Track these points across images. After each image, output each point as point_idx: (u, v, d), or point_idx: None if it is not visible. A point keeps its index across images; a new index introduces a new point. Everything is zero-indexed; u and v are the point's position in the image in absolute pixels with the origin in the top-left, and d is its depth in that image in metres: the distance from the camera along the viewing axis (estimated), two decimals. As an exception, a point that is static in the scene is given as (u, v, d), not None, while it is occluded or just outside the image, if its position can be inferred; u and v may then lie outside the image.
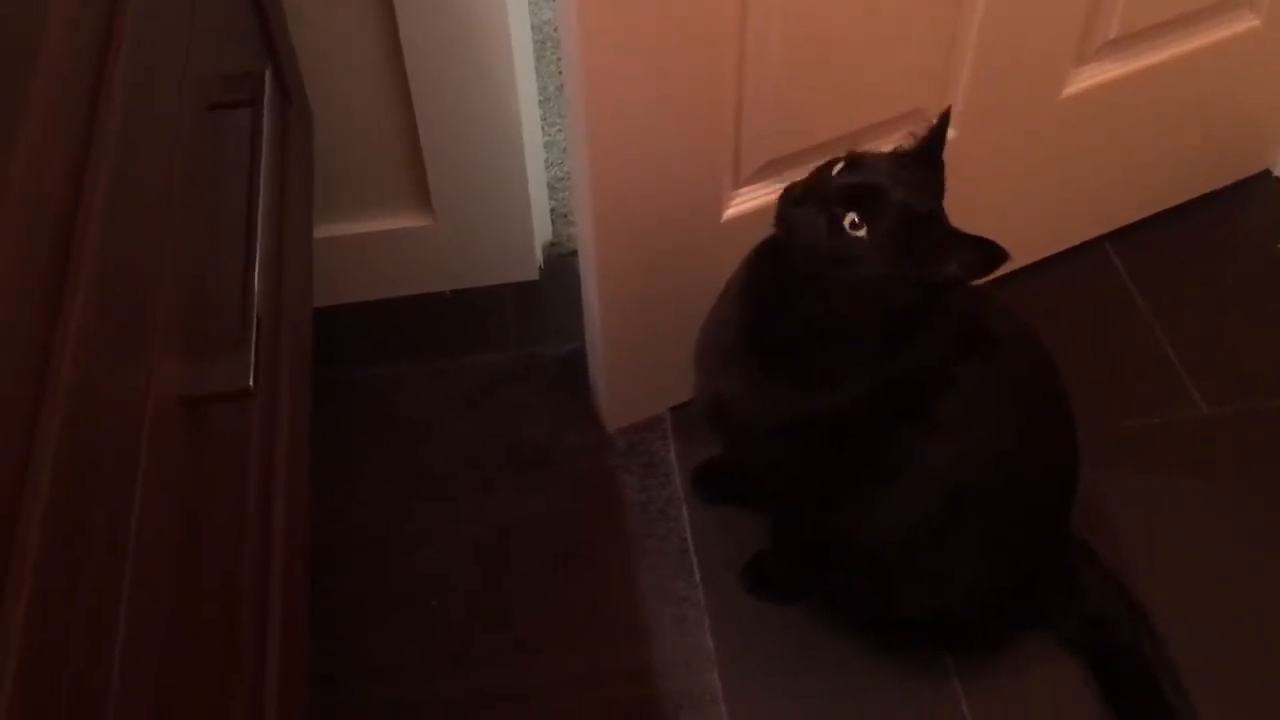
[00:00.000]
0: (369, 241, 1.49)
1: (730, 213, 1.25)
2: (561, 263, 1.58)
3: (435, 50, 1.31)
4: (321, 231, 1.36)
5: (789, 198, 0.96)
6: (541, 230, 1.58)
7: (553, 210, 1.61)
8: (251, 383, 0.74)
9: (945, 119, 0.98)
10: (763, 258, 1.06)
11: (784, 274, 1.00)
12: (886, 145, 1.03)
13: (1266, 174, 1.68)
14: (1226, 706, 1.17)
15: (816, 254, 0.95)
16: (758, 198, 1.25)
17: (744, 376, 1.08)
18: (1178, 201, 1.62)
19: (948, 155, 0.98)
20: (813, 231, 0.94)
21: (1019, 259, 1.50)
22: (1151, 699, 1.16)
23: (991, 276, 0.93)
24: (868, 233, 0.92)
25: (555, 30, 1.79)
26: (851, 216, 0.92)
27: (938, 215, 0.96)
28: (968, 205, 0.98)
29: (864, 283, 0.95)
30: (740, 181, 1.25)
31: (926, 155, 0.98)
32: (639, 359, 1.35)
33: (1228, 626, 1.21)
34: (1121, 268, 1.57)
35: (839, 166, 0.95)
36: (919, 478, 1.08)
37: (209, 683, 0.72)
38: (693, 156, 1.19)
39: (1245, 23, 1.45)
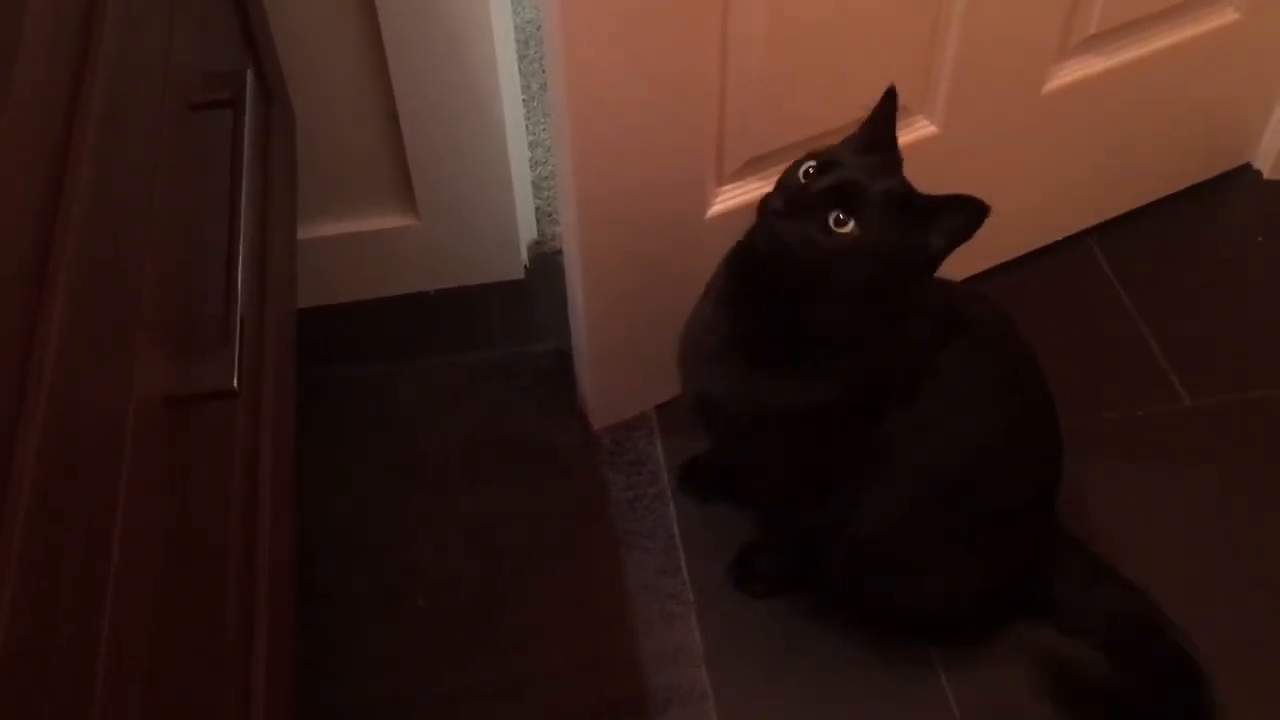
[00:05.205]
0: (353, 241, 1.49)
1: (714, 210, 1.26)
2: (547, 261, 1.58)
3: (418, 49, 1.31)
4: (306, 232, 1.36)
5: (773, 213, 0.96)
6: (526, 229, 1.58)
7: (537, 209, 1.61)
8: (236, 383, 0.74)
9: (891, 99, 1.00)
10: (740, 259, 1.07)
11: (764, 274, 1.01)
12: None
13: (1247, 167, 1.69)
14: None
15: (814, 260, 0.96)
16: (741, 195, 1.25)
17: (731, 376, 1.09)
18: (1160, 195, 1.63)
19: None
20: (805, 239, 0.95)
21: (1002, 254, 1.52)
22: (1173, 671, 1.14)
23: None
24: (855, 227, 0.94)
25: (538, 29, 1.79)
26: (836, 214, 0.94)
27: (912, 191, 0.98)
28: (950, 200, 0.99)
29: (862, 277, 0.97)
30: (724, 179, 1.25)
31: (880, 136, 1.00)
32: (624, 357, 1.35)
33: (1211, 618, 1.22)
34: (1105, 261, 1.58)
35: (805, 167, 0.96)
36: (905, 469, 1.08)
37: (196, 680, 0.72)
38: (676, 154, 1.19)
39: (1225, 16, 1.45)
